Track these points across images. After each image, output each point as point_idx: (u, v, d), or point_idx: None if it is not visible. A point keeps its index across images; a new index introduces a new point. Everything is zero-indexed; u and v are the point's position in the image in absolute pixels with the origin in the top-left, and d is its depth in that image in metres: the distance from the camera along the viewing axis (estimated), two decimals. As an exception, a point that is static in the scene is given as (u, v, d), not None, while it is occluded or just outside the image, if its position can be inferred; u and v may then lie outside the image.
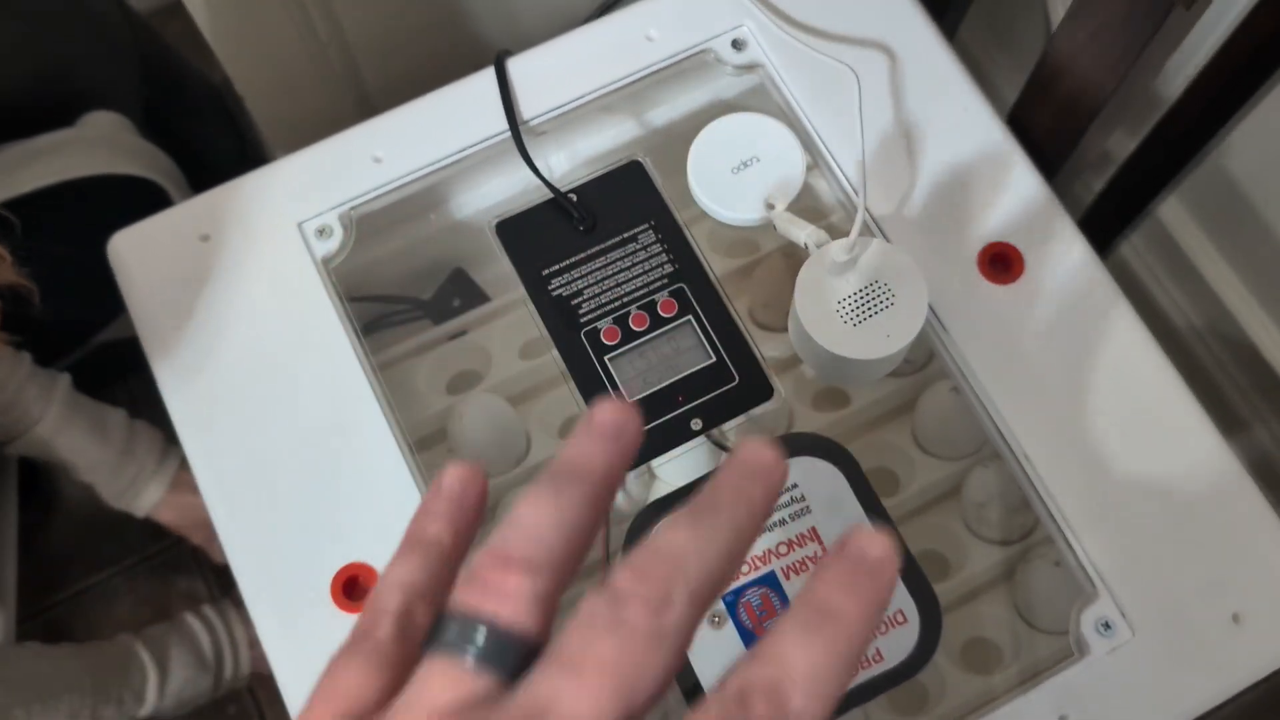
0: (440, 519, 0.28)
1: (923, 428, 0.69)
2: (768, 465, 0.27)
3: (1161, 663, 0.52)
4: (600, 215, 0.59)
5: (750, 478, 0.27)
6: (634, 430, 0.28)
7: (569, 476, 0.27)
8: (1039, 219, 0.59)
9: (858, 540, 0.26)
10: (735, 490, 0.27)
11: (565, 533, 0.26)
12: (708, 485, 0.27)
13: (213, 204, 0.60)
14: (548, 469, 0.27)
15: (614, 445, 0.28)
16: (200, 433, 0.56)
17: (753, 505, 0.27)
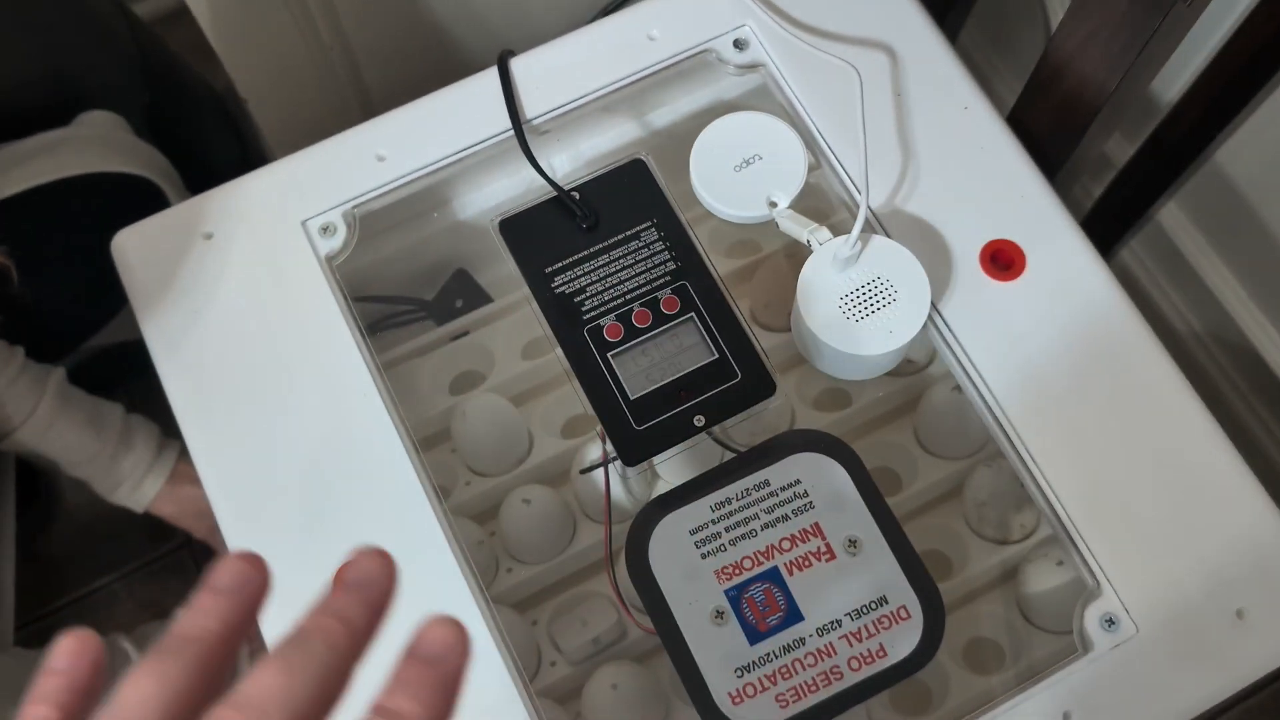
0: (44, 702, 0.27)
1: (925, 427, 0.69)
2: (370, 576, 0.29)
3: (1165, 659, 0.51)
4: (603, 213, 0.59)
5: (350, 595, 0.28)
6: (257, 583, 0.29)
7: (177, 646, 0.27)
8: (1039, 216, 0.59)
9: (424, 634, 0.28)
10: (331, 614, 0.28)
11: (170, 706, 0.26)
12: (306, 614, 0.28)
13: (216, 202, 0.60)
14: (158, 641, 0.27)
15: (232, 601, 0.28)
16: (204, 431, 0.56)
17: (349, 626, 0.28)
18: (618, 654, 0.65)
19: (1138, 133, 1.15)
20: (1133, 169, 1.16)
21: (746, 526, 0.54)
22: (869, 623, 0.52)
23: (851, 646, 0.52)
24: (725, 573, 0.53)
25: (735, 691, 0.51)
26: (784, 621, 0.52)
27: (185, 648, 0.27)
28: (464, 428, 0.68)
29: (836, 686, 0.51)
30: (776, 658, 0.52)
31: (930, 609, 0.52)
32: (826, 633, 0.52)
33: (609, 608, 0.65)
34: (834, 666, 0.52)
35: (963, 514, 0.69)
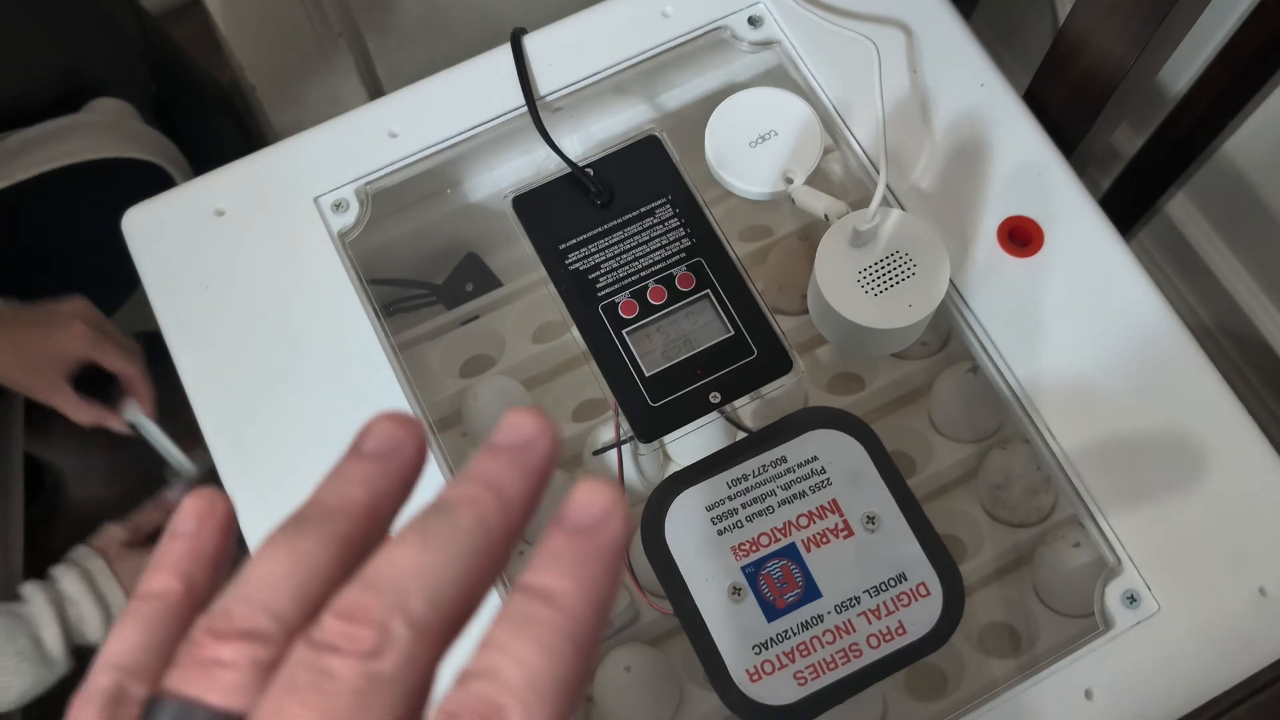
0: (166, 570, 0.24)
1: (940, 410, 0.69)
2: (526, 437, 0.23)
3: (1188, 637, 0.51)
4: (617, 190, 0.58)
5: (500, 459, 0.23)
6: (410, 448, 0.24)
7: (316, 516, 0.23)
8: (1057, 192, 0.58)
9: (572, 502, 0.22)
10: (480, 481, 0.22)
11: (303, 587, 0.22)
12: (449, 483, 0.23)
13: (227, 179, 0.59)
14: (297, 509, 0.23)
15: (381, 468, 0.24)
16: (217, 405, 0.56)
17: (502, 498, 0.22)
18: (630, 637, 0.64)
19: (1146, 124, 1.15)
20: (1141, 160, 1.16)
21: (763, 503, 0.53)
22: (888, 600, 0.52)
23: (870, 624, 0.51)
24: (742, 549, 0.53)
25: (753, 669, 0.51)
26: (802, 598, 0.52)
27: (325, 520, 0.23)
28: (476, 409, 0.67)
29: (855, 664, 0.51)
30: (794, 635, 0.51)
31: (950, 586, 0.52)
32: (845, 610, 0.52)
33: (620, 591, 0.65)
34: (853, 644, 0.51)
35: (977, 498, 0.69)
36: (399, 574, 0.21)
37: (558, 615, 0.21)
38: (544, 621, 0.21)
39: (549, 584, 0.21)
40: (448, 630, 0.21)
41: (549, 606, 0.21)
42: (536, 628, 0.21)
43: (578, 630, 0.21)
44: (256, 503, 0.54)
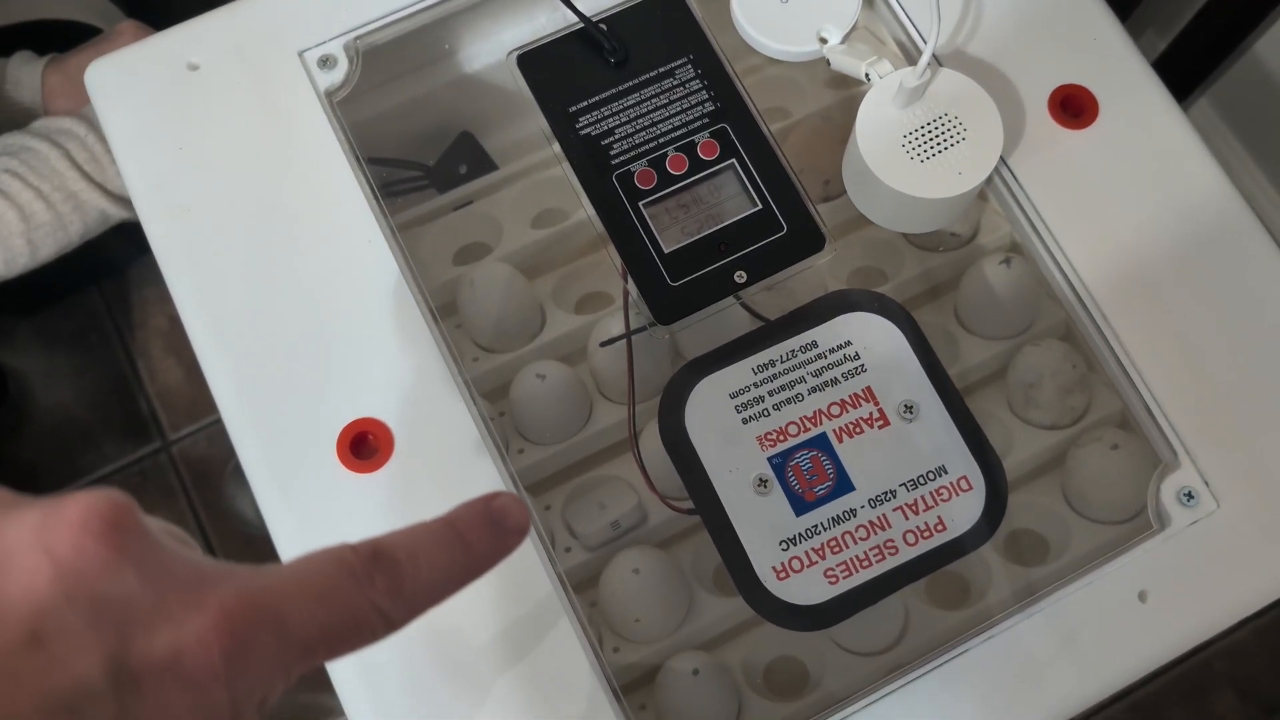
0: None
1: (967, 305, 0.64)
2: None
3: (1248, 535, 0.47)
4: (633, 47, 0.53)
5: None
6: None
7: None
8: (1113, 59, 0.54)
9: (506, 501, 0.31)
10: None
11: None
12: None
13: (202, 30, 0.54)
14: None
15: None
16: (191, 278, 0.50)
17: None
18: (638, 539, 0.60)
19: (1170, 27, 1.10)
20: (1163, 64, 1.11)
21: (792, 390, 0.49)
22: (926, 494, 0.48)
23: (907, 519, 0.47)
24: (769, 439, 0.48)
25: (780, 566, 0.47)
26: (833, 491, 0.48)
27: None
28: (472, 298, 0.62)
29: (891, 562, 0.47)
30: (825, 530, 0.47)
31: (992, 480, 0.48)
32: (880, 504, 0.48)
33: (628, 491, 0.61)
34: (888, 540, 0.47)
35: (1006, 398, 0.65)
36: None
37: (465, 561, 0.29)
38: (456, 557, 0.29)
39: (471, 540, 0.29)
40: None
41: (465, 553, 0.29)
42: (450, 555, 0.29)
43: (465, 577, 0.29)
44: (233, 376, 0.49)
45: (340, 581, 0.26)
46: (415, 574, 0.27)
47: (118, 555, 0.23)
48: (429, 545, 0.28)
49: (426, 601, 0.28)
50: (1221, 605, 0.47)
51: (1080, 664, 0.46)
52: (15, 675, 0.21)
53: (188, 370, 1.20)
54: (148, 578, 0.23)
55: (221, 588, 0.24)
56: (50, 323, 1.21)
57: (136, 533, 0.23)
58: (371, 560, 0.27)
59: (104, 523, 0.23)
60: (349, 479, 0.47)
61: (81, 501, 0.23)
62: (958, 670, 0.47)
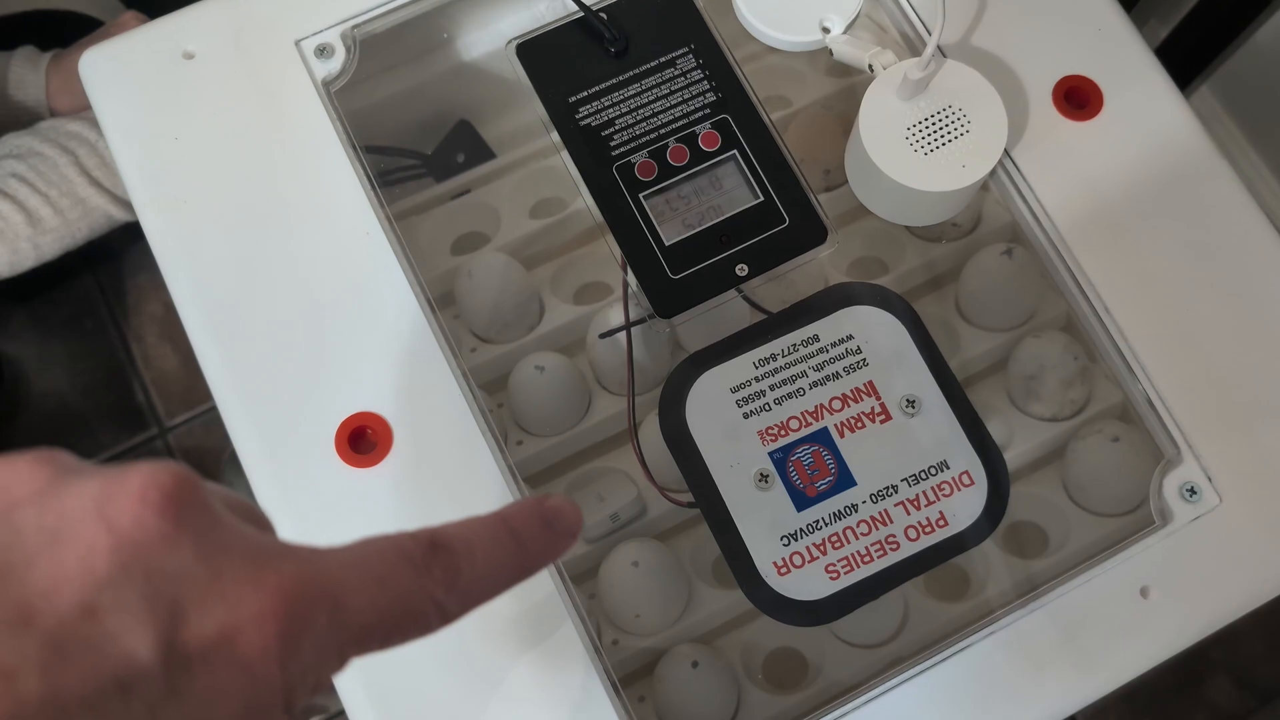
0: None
1: (968, 296, 0.64)
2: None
3: (1251, 531, 0.47)
4: (634, 37, 0.52)
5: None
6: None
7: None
8: (1117, 50, 0.53)
9: (561, 503, 0.30)
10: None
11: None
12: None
13: (198, 18, 0.53)
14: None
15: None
16: (187, 269, 0.50)
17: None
18: (637, 531, 0.60)
19: (1172, 14, 1.09)
20: (1165, 51, 1.10)
21: (793, 384, 0.49)
22: (928, 489, 0.48)
23: (909, 514, 0.47)
24: (770, 433, 0.48)
25: (781, 561, 0.46)
26: (834, 486, 0.47)
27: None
28: (470, 288, 0.62)
29: (893, 557, 0.47)
30: (826, 525, 0.47)
31: (995, 475, 0.48)
32: (881, 499, 0.47)
33: (627, 483, 0.60)
34: (889, 535, 0.47)
35: (1006, 390, 0.64)
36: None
37: (518, 557, 0.28)
38: (509, 553, 0.28)
39: (524, 537, 0.28)
40: None
41: (518, 549, 0.28)
42: (503, 550, 0.28)
43: (518, 574, 0.28)
44: (229, 369, 0.49)
45: (400, 568, 0.25)
46: (471, 566, 0.27)
47: (175, 529, 0.22)
48: (485, 539, 0.28)
49: (480, 595, 0.27)
50: (1224, 602, 0.46)
51: (1081, 660, 0.46)
52: (66, 648, 0.20)
53: (183, 357, 1.20)
54: (205, 554, 0.22)
55: (280, 566, 0.23)
56: (45, 309, 1.21)
57: (197, 507, 0.23)
58: (430, 549, 0.26)
59: (164, 495, 0.22)
60: (348, 475, 0.47)
61: (144, 472, 0.22)
62: (959, 665, 0.47)
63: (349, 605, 0.24)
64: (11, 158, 0.76)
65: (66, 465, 0.23)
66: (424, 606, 0.26)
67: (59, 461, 0.23)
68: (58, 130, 0.78)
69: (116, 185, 0.79)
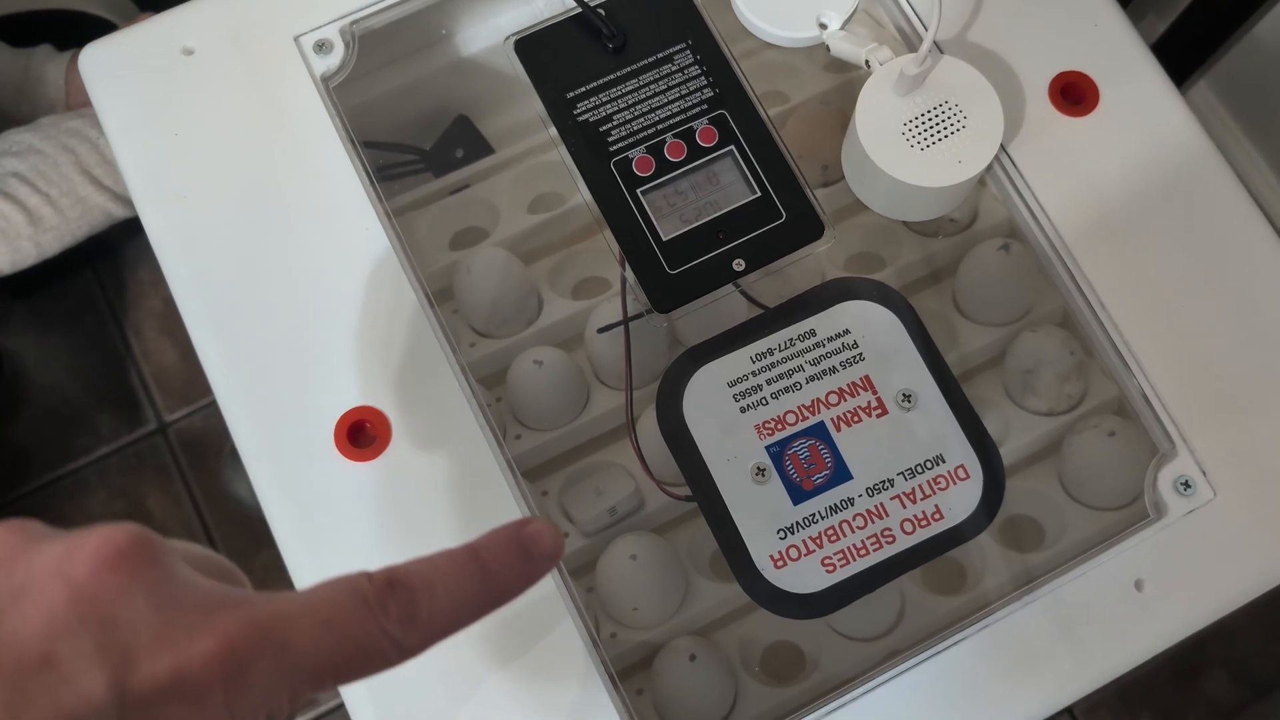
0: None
1: (965, 291, 0.64)
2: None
3: (1245, 524, 0.47)
4: (631, 33, 0.53)
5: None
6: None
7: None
8: (1113, 46, 0.53)
9: (537, 528, 0.30)
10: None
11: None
12: None
13: (197, 14, 0.53)
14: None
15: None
16: (187, 265, 0.50)
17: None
18: (635, 525, 0.60)
19: (1170, 9, 1.09)
20: (1163, 46, 1.10)
21: (790, 379, 0.49)
22: (924, 483, 0.48)
23: (905, 508, 0.48)
24: (767, 427, 0.48)
25: (777, 554, 0.47)
26: (831, 480, 0.48)
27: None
28: (468, 283, 0.62)
29: (888, 550, 0.47)
30: (822, 519, 0.47)
31: (990, 469, 0.48)
32: (877, 493, 0.48)
33: (625, 477, 0.61)
34: (885, 529, 0.47)
35: (1003, 384, 0.64)
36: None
37: (485, 589, 0.29)
38: (475, 585, 0.29)
39: (493, 568, 0.29)
40: None
41: (485, 581, 0.29)
42: (469, 583, 0.29)
43: (486, 605, 0.29)
44: (229, 364, 0.49)
45: (351, 608, 0.27)
46: (431, 601, 0.28)
47: (130, 582, 0.24)
48: (449, 572, 0.29)
49: (442, 629, 0.28)
50: (1218, 595, 0.47)
51: (1076, 653, 0.46)
52: (28, 694, 0.22)
53: (183, 351, 1.20)
54: (157, 604, 0.24)
55: (228, 613, 0.25)
56: (45, 304, 1.21)
57: (150, 561, 0.25)
58: (386, 587, 0.27)
59: (118, 552, 0.24)
60: (347, 469, 0.47)
61: (102, 533, 0.25)
62: (955, 657, 0.47)
63: (294, 647, 0.25)
64: (11, 155, 0.76)
65: (35, 532, 0.25)
66: (378, 644, 0.27)
67: (28, 529, 0.25)
68: (58, 127, 0.79)
69: (117, 183, 0.80)
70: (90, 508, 1.17)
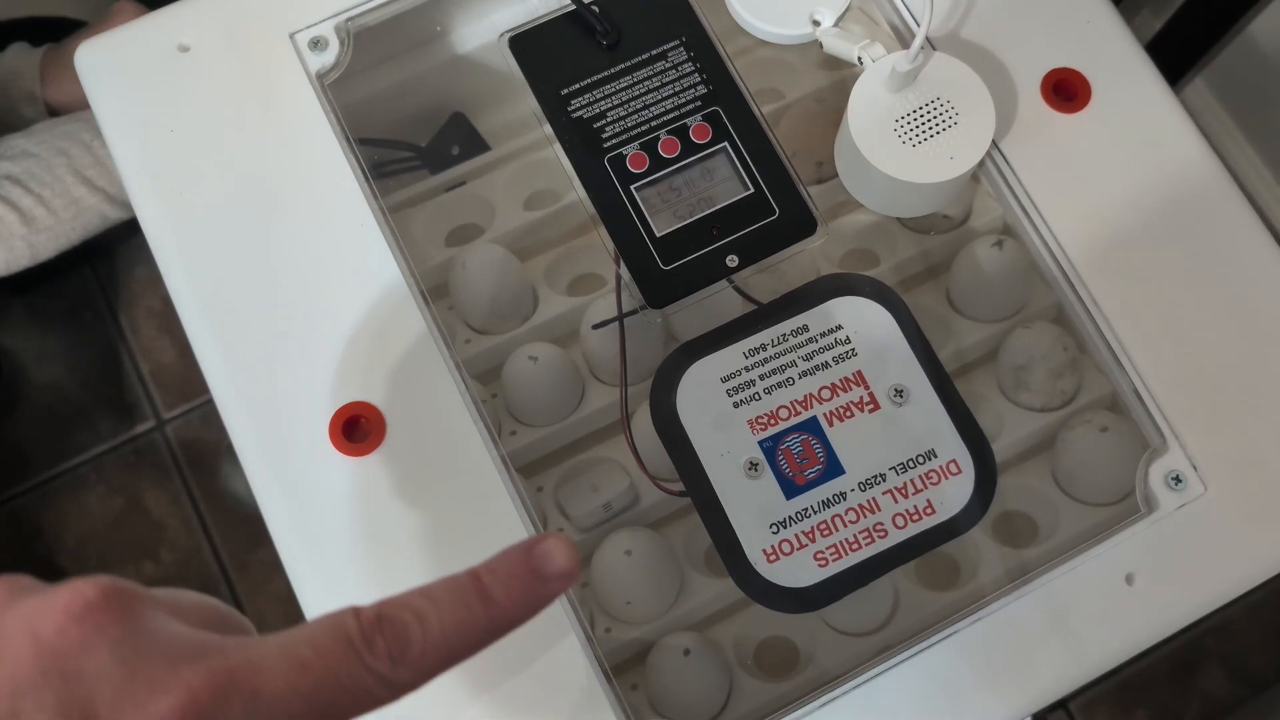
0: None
1: (959, 287, 0.64)
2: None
3: (1236, 518, 0.48)
4: (626, 30, 0.53)
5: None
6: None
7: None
8: (1106, 42, 0.53)
9: (547, 546, 0.29)
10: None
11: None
12: None
13: (193, 11, 0.54)
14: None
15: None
16: (184, 262, 0.50)
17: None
18: (629, 521, 0.60)
19: (1166, 6, 1.09)
20: (1158, 44, 1.10)
21: (783, 374, 0.49)
22: (916, 477, 0.48)
23: (896, 502, 0.48)
24: (759, 423, 0.49)
25: (770, 548, 0.47)
26: (823, 475, 0.48)
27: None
28: (464, 280, 0.62)
29: (880, 545, 0.47)
30: (815, 513, 0.47)
31: (982, 463, 0.49)
32: (869, 487, 0.48)
33: (620, 473, 0.61)
34: (877, 523, 0.48)
35: (997, 380, 0.65)
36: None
37: (486, 617, 0.28)
38: (475, 614, 0.28)
39: (497, 594, 0.28)
40: None
41: (486, 609, 0.28)
42: (467, 612, 0.27)
43: (487, 634, 0.28)
44: (225, 360, 0.49)
45: (331, 647, 0.26)
46: (424, 635, 0.27)
47: (95, 636, 0.24)
48: (445, 602, 0.27)
49: (438, 662, 0.27)
50: (1208, 588, 0.47)
51: (1068, 646, 0.46)
52: None
53: (181, 349, 1.20)
54: (122, 657, 0.24)
55: (197, 664, 0.24)
56: (43, 302, 1.21)
57: (120, 612, 0.25)
58: (374, 623, 0.26)
59: (86, 605, 0.24)
60: (342, 463, 0.47)
61: (73, 587, 0.25)
62: (947, 650, 0.47)
63: (267, 692, 0.25)
64: (6, 160, 0.77)
65: (19, 586, 0.25)
66: (363, 683, 0.26)
67: (14, 584, 0.25)
68: (52, 131, 0.79)
69: (110, 184, 0.80)
70: (88, 505, 1.17)
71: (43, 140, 0.78)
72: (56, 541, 1.15)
